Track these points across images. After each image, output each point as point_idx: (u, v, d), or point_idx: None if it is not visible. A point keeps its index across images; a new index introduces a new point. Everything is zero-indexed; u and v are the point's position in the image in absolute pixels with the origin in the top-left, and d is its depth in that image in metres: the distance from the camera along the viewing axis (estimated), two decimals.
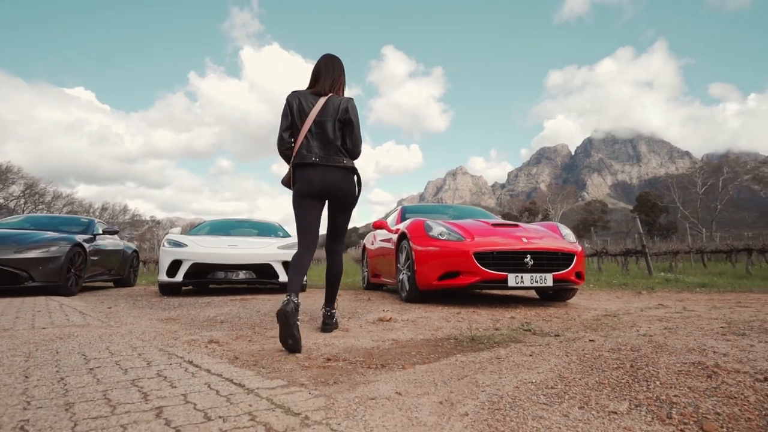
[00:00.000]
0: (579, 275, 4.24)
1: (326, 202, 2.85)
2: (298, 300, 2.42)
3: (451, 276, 4.07)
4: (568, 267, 4.11)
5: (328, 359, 2.11)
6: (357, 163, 2.92)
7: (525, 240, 4.10)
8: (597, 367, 1.77)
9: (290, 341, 2.26)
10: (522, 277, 3.90)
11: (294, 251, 5.89)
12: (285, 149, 2.81)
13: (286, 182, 2.89)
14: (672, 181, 57.26)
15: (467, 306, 4.19)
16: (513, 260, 3.97)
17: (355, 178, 2.88)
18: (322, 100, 2.76)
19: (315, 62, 2.93)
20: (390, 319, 3.33)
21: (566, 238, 4.47)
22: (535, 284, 3.92)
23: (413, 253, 4.32)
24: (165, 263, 5.50)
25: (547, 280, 3.95)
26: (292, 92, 2.82)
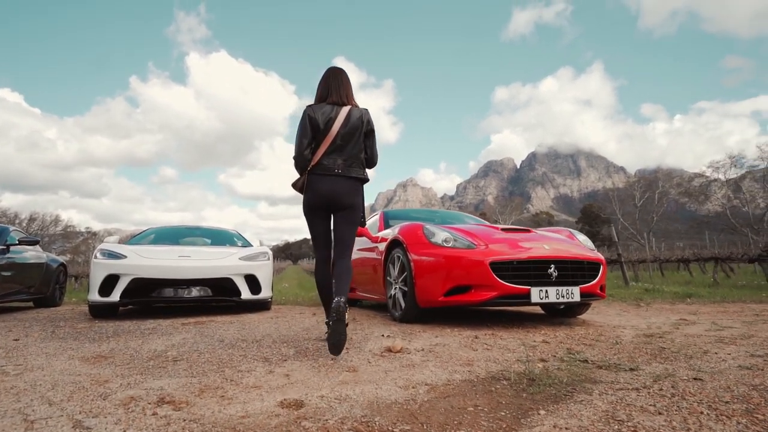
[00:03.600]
0: (602, 288, 3.68)
1: (332, 213, 2.83)
2: (332, 316, 2.41)
3: (462, 291, 3.37)
4: (594, 278, 3.54)
5: None
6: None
7: (546, 247, 3.48)
8: None
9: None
10: (546, 291, 3.27)
11: (257, 262, 5.06)
12: (304, 165, 2.77)
13: (299, 188, 2.84)
14: (613, 194, 60.14)
15: (479, 326, 3.51)
16: (535, 271, 3.33)
17: (361, 189, 2.87)
18: (344, 111, 2.76)
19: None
20: (401, 349, 2.57)
21: (585, 245, 3.91)
22: (561, 299, 3.30)
23: (411, 263, 3.59)
24: (97, 279, 4.45)
25: (574, 294, 3.34)
26: (309, 106, 2.79)
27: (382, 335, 3.11)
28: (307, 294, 9.67)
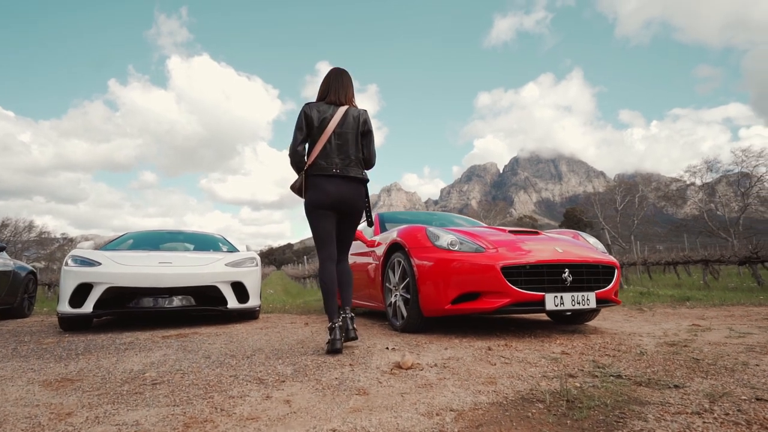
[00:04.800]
0: (616, 293, 3.47)
1: (336, 213, 2.85)
2: (340, 321, 2.64)
3: (470, 298, 3.12)
4: (609, 283, 3.32)
5: None
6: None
7: (559, 250, 3.25)
8: None
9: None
10: (562, 297, 3.04)
11: (244, 268, 4.73)
12: (299, 161, 2.79)
13: (297, 189, 2.85)
14: (596, 198, 60.94)
15: (488, 336, 3.25)
16: (548, 276, 3.10)
17: (364, 190, 2.92)
18: (340, 111, 2.79)
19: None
20: (412, 365, 2.30)
21: (596, 248, 3.69)
22: (576, 306, 3.07)
23: (415, 268, 3.33)
24: (68, 288, 4.07)
25: (590, 300, 3.11)
26: (307, 104, 2.83)
27: (386, 348, 2.83)
28: (294, 301, 9.33)
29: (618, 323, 4.11)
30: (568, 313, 3.95)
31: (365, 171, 2.90)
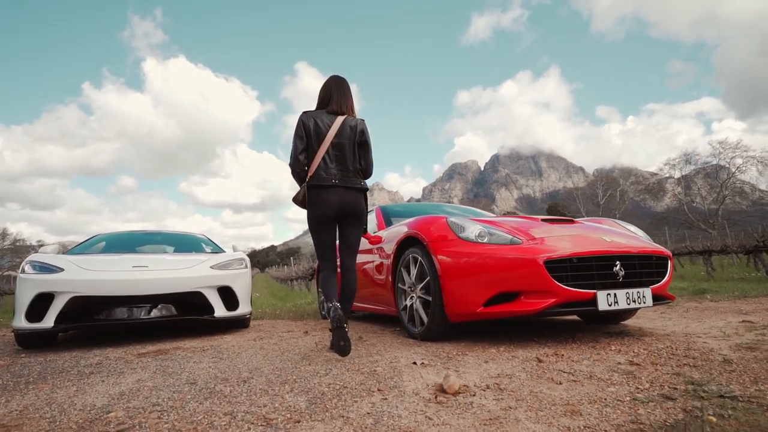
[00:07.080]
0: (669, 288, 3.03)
1: (340, 220, 2.82)
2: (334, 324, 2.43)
3: (507, 299, 2.63)
4: (663, 277, 2.87)
5: None
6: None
7: (607, 240, 2.79)
8: None
9: (342, 342, 2.40)
10: (615, 294, 2.57)
11: (232, 271, 4.17)
12: (300, 171, 2.77)
13: (300, 201, 2.83)
14: (578, 193, 61.51)
15: (525, 341, 2.76)
16: (598, 270, 2.63)
17: (364, 199, 2.90)
18: (338, 121, 2.77)
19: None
20: (459, 389, 1.79)
21: (639, 236, 3.24)
22: (632, 304, 2.61)
23: (437, 266, 2.83)
24: (24, 299, 3.45)
25: (646, 297, 2.65)
26: (305, 113, 2.80)
27: (414, 363, 2.32)
28: (283, 304, 8.75)
29: (657, 321, 3.68)
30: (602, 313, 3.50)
31: (364, 182, 2.88)
